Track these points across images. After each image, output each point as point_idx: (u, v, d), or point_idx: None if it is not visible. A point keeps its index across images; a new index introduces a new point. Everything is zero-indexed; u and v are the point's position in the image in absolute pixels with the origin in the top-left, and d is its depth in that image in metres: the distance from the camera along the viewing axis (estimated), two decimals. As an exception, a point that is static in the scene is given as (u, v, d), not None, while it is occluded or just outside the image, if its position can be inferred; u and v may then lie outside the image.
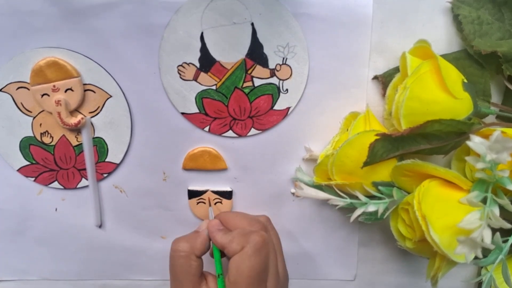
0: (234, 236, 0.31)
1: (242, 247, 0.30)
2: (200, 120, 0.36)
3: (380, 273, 0.42)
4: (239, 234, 0.31)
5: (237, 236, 0.31)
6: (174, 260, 0.32)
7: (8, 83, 0.35)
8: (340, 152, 0.32)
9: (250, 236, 0.31)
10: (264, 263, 0.30)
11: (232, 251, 0.30)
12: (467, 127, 0.30)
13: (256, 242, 0.30)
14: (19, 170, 0.38)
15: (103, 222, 0.40)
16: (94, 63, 0.34)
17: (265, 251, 0.31)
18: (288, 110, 0.36)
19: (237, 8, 0.33)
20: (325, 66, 0.35)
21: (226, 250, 0.31)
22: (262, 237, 0.31)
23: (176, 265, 0.32)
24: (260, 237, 0.31)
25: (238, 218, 0.34)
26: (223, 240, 0.31)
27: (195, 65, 0.34)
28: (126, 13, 0.33)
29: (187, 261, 0.31)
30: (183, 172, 0.38)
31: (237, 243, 0.30)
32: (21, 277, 0.42)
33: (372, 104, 0.36)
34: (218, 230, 0.33)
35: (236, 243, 0.30)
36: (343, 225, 0.40)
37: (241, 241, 0.30)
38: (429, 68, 0.30)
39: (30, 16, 0.33)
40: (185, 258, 0.31)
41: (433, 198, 0.29)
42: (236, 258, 0.30)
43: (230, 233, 0.32)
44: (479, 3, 0.33)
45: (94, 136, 0.37)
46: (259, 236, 0.31)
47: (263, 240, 0.31)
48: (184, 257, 0.31)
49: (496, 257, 0.29)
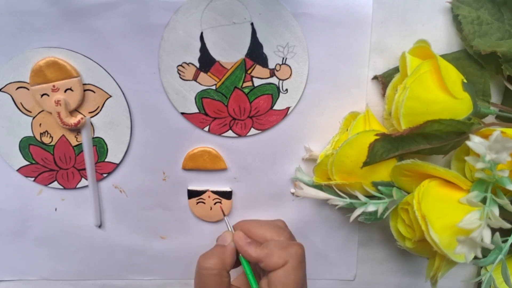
0: (271, 250, 0.31)
1: (285, 261, 0.30)
2: (200, 120, 0.36)
3: (380, 273, 0.42)
4: (277, 247, 0.31)
5: (275, 250, 0.30)
6: (206, 279, 0.31)
7: (8, 83, 0.35)
8: (339, 152, 0.32)
9: (291, 249, 0.30)
10: (305, 274, 0.31)
11: (272, 265, 0.30)
12: (467, 127, 0.30)
13: (299, 254, 0.30)
14: (19, 170, 0.38)
15: (103, 222, 0.40)
16: (94, 63, 0.34)
17: (305, 262, 0.31)
18: (287, 110, 0.36)
19: (236, 8, 0.33)
20: (325, 66, 0.35)
21: (263, 264, 0.30)
22: (302, 249, 0.31)
23: (207, 283, 0.31)
24: (301, 249, 0.31)
25: (262, 227, 0.34)
26: (259, 254, 0.31)
27: (195, 65, 0.34)
28: (126, 13, 0.33)
29: (219, 278, 0.31)
30: (183, 172, 0.38)
31: (279, 257, 0.30)
32: (21, 277, 0.42)
33: (372, 104, 0.36)
34: (248, 243, 0.32)
35: (277, 257, 0.30)
36: (343, 225, 0.40)
37: (282, 255, 0.30)
38: (428, 68, 0.30)
39: (30, 16, 0.33)
40: (217, 276, 0.31)
41: (432, 198, 0.29)
42: (281, 273, 0.30)
43: (265, 246, 0.31)
44: (479, 3, 0.33)
45: (94, 136, 0.37)
46: (300, 248, 0.31)
47: (303, 252, 0.31)
48: (217, 275, 0.31)
49: (496, 257, 0.29)
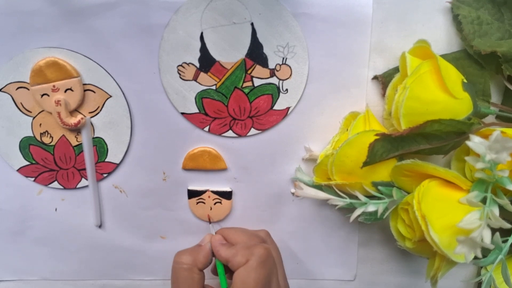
0: (238, 250, 0.32)
1: (247, 259, 0.30)
2: (200, 120, 0.36)
3: (380, 273, 0.42)
4: (242, 248, 0.32)
5: (241, 250, 0.31)
6: (177, 272, 0.32)
7: (8, 83, 0.35)
8: (340, 152, 0.32)
9: (254, 248, 0.31)
10: (269, 275, 0.31)
11: (236, 264, 0.31)
12: (467, 127, 0.30)
13: (261, 254, 0.31)
14: (19, 170, 0.38)
15: (103, 222, 0.40)
16: (94, 63, 0.34)
17: (269, 263, 0.31)
18: (288, 110, 0.36)
19: (236, 8, 0.33)
20: (325, 66, 0.35)
21: (230, 264, 0.31)
22: (266, 250, 0.31)
23: (178, 277, 0.32)
24: (264, 249, 0.31)
25: (238, 233, 0.35)
26: (227, 254, 0.32)
27: (195, 65, 0.34)
28: (126, 13, 0.33)
29: (189, 274, 0.32)
30: (183, 172, 0.38)
31: (242, 256, 0.31)
32: (21, 277, 0.42)
33: (372, 104, 0.36)
34: (221, 244, 0.34)
35: (240, 256, 0.31)
36: (343, 225, 0.40)
37: (245, 254, 0.31)
38: (428, 68, 0.30)
39: (30, 16, 0.33)
40: (187, 271, 0.32)
41: (432, 198, 0.29)
42: (241, 271, 0.30)
43: (234, 247, 0.32)
44: (479, 3, 0.33)
45: (94, 136, 0.37)
46: (263, 248, 0.31)
47: (267, 252, 0.31)
48: (187, 269, 0.32)
49: (496, 257, 0.29)
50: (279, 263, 0.35)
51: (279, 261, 0.35)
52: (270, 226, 0.39)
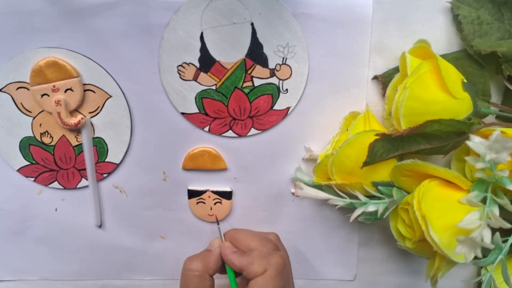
0: (253, 258, 0.31)
1: (265, 269, 0.30)
2: (200, 120, 0.36)
3: (380, 273, 0.42)
4: (258, 256, 0.31)
5: (257, 258, 0.31)
6: (188, 280, 0.32)
7: (8, 83, 0.35)
8: (340, 152, 0.32)
9: (271, 258, 0.31)
10: (285, 285, 0.31)
11: (253, 273, 0.30)
12: (467, 127, 0.30)
13: (278, 264, 0.31)
14: (19, 170, 0.38)
15: (103, 222, 0.40)
16: (94, 63, 0.34)
17: (286, 272, 0.31)
18: (288, 110, 0.36)
19: (236, 8, 0.33)
20: (325, 66, 0.35)
21: (245, 272, 0.31)
22: (283, 259, 0.31)
23: (189, 284, 0.32)
24: (281, 258, 0.31)
25: (249, 237, 0.34)
26: (241, 262, 0.32)
27: (195, 65, 0.34)
28: (126, 13, 0.33)
29: (201, 281, 0.32)
30: (183, 172, 0.38)
31: (259, 265, 0.30)
32: (21, 277, 0.42)
33: (372, 104, 0.36)
34: (232, 252, 0.33)
35: (257, 265, 0.30)
36: (343, 225, 0.40)
37: (262, 263, 0.31)
38: (428, 68, 0.30)
39: (30, 16, 0.33)
40: (199, 278, 0.32)
41: (432, 198, 0.29)
42: (260, 281, 0.30)
43: (248, 255, 0.32)
44: (479, 3, 0.33)
45: (94, 136, 0.37)
46: (280, 257, 0.31)
47: (284, 262, 0.31)
48: (198, 276, 0.32)
49: (496, 257, 0.29)
50: (290, 269, 0.34)
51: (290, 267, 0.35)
52: (270, 226, 0.39)
